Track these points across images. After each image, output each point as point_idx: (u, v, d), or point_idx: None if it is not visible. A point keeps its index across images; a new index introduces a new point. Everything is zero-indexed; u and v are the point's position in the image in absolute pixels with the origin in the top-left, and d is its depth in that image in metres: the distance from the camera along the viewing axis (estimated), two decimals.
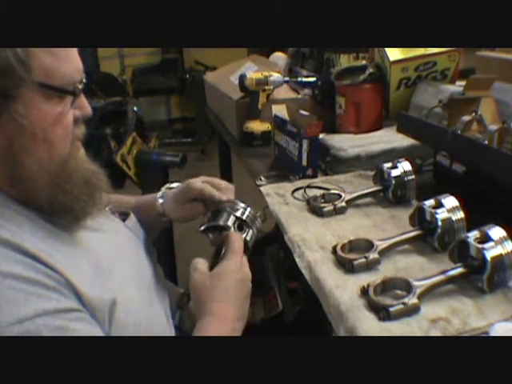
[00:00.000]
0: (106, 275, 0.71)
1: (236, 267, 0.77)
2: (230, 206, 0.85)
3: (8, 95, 0.63)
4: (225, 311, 0.74)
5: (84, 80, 0.71)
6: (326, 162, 1.28)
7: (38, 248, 0.64)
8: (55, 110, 0.66)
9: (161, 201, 0.95)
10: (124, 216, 0.92)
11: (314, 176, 1.24)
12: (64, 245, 0.69)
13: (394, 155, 1.18)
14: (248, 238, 0.84)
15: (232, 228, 0.83)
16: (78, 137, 0.72)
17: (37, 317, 0.59)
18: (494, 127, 0.96)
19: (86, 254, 0.72)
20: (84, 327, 0.63)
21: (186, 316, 0.91)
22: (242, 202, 0.86)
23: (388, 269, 0.81)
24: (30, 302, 0.59)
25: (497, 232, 0.73)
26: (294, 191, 1.15)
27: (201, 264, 0.78)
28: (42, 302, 0.61)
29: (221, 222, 0.84)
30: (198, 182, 0.91)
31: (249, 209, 0.86)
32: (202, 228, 0.86)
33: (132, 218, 0.92)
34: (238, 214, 0.84)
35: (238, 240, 0.80)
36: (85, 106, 0.72)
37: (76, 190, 0.70)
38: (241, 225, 0.84)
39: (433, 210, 0.83)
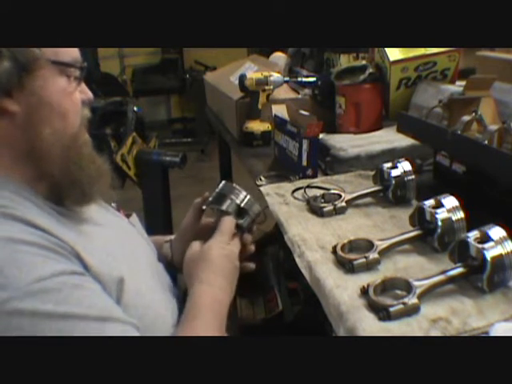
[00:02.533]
0: (112, 258, 0.74)
1: (221, 243, 0.85)
2: (233, 192, 0.91)
3: (29, 69, 0.68)
4: (211, 278, 0.81)
5: (85, 64, 0.75)
6: (326, 162, 1.28)
7: (48, 224, 0.67)
8: (66, 86, 0.72)
9: (167, 245, 1.00)
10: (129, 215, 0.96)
11: (314, 176, 1.24)
12: (70, 231, 0.71)
13: (394, 155, 1.18)
14: (243, 223, 0.90)
15: (232, 215, 0.89)
16: (84, 117, 0.77)
17: (55, 275, 0.62)
18: (493, 127, 0.96)
19: (92, 241, 0.74)
20: (98, 288, 0.67)
21: None
22: (244, 190, 0.93)
23: (388, 269, 0.81)
24: (47, 264, 0.63)
25: (497, 232, 0.73)
26: (293, 191, 1.15)
27: (195, 244, 0.87)
28: (59, 264, 0.64)
29: (223, 208, 0.90)
30: None
31: (248, 196, 0.92)
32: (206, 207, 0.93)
33: (135, 217, 0.96)
34: (239, 201, 0.90)
35: (228, 223, 0.87)
36: (86, 91, 0.77)
37: (84, 162, 0.75)
38: (240, 212, 0.90)
39: (433, 210, 0.83)
